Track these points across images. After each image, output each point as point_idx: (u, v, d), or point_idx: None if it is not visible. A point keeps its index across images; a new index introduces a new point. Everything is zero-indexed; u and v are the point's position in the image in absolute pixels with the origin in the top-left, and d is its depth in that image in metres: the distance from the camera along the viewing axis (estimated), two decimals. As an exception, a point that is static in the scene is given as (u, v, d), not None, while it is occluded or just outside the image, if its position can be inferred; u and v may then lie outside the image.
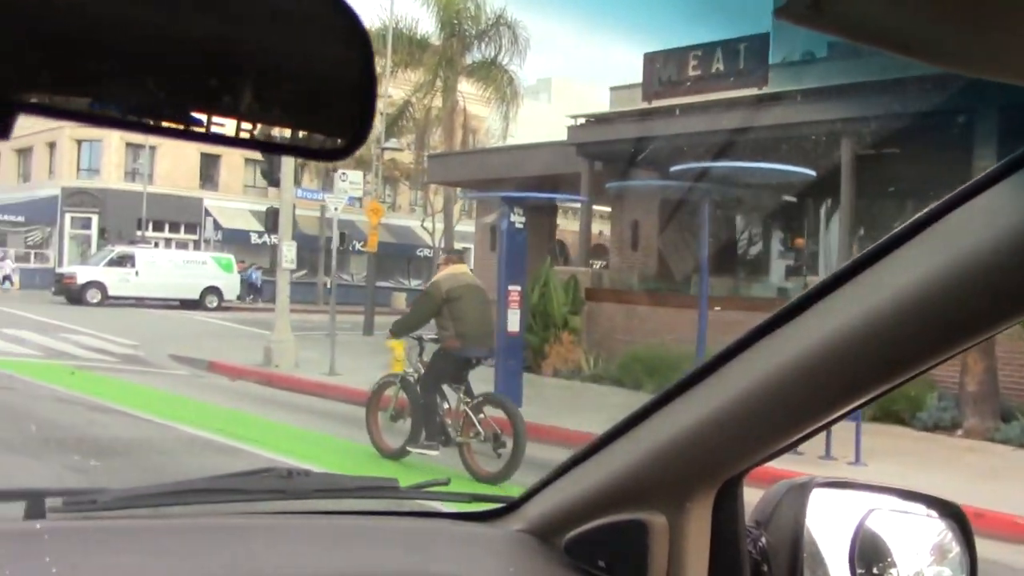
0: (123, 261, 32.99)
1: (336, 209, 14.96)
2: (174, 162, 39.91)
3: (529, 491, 1.55)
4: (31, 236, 40.20)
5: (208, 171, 41.92)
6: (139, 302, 32.11)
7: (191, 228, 41.23)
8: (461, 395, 8.46)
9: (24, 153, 43.21)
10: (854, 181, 13.82)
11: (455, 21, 25.10)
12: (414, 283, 43.92)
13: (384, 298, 37.35)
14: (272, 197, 43.25)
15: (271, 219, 16.28)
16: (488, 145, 31.22)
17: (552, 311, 16.01)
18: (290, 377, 14.81)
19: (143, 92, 0.64)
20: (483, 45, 25.40)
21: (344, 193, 14.89)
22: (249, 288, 39.09)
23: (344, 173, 15.32)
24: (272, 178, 16.01)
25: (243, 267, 39.40)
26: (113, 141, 39.46)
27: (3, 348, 16.09)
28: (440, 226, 40.71)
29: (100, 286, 32.27)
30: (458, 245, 44.61)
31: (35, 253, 39.95)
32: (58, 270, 34.63)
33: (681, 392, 1.26)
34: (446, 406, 8.54)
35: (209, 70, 0.66)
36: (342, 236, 25.20)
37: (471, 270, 9.84)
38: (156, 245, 37.08)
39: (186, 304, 32.82)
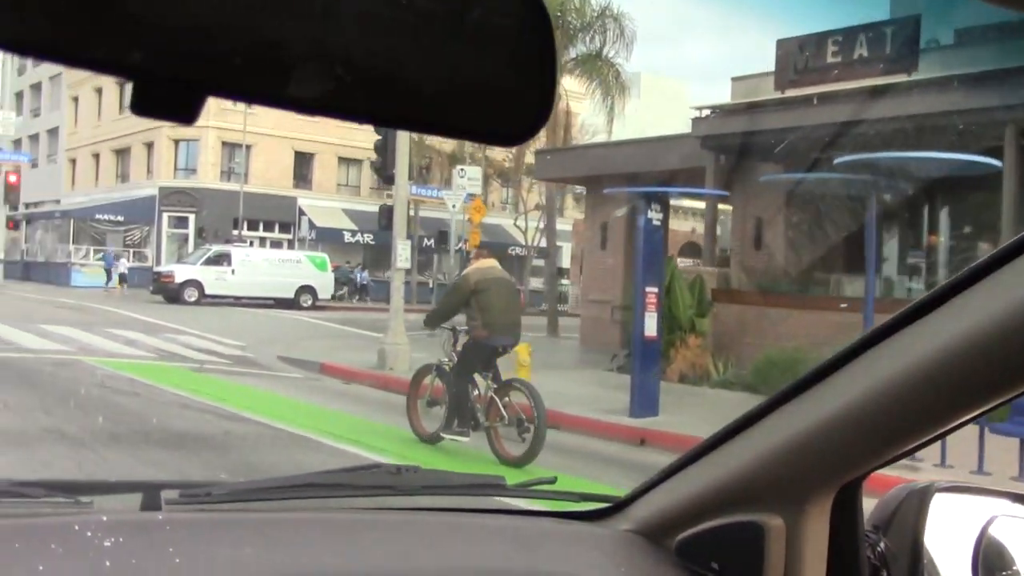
0: (219, 260, 33.06)
1: (454, 207, 14.32)
2: (268, 161, 40.04)
3: (636, 491, 1.54)
4: (130, 235, 40.71)
5: (302, 170, 41.97)
6: (235, 301, 32.14)
7: (285, 227, 41.32)
8: (489, 382, 8.86)
9: (122, 153, 43.84)
10: (1017, 172, 12.68)
11: (559, 13, 24.32)
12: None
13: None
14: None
15: (385, 217, 15.74)
16: (583, 142, 30.37)
17: (678, 313, 15.15)
18: (406, 381, 14.22)
19: (331, 78, 0.64)
20: (587, 38, 24.53)
21: (462, 189, 14.23)
22: (355, 288, 39.02)
23: (462, 169, 14.68)
24: (386, 175, 15.46)
25: (349, 266, 39.42)
26: (209, 140, 39.74)
27: (117, 350, 15.86)
28: (532, 224, 40.14)
29: (197, 285, 32.37)
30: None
31: (134, 252, 40.45)
32: (156, 269, 34.89)
33: (800, 392, 1.23)
34: (476, 392, 8.89)
35: (392, 55, 0.66)
36: (443, 234, 24.82)
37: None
38: (251, 244, 37.18)
39: (280, 303, 32.74)
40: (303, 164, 41.96)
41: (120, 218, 40.53)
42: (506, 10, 0.70)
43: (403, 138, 15.12)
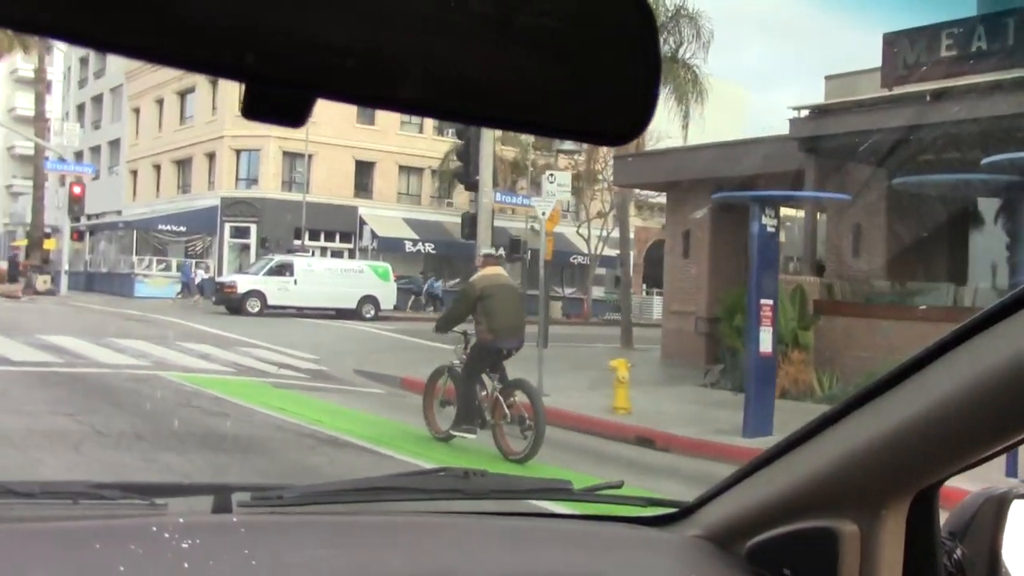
0: (282, 270, 32.75)
1: (544, 214, 13.61)
2: (329, 171, 39.71)
3: (704, 496, 1.54)
4: (192, 245, 40.60)
5: (362, 179, 41.60)
6: (298, 312, 31.80)
7: (346, 237, 40.95)
8: (495, 382, 9.36)
9: (183, 164, 43.85)
10: None
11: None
12: (568, 291, 42.60)
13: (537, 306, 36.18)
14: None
15: (468, 225, 15.11)
16: (651, 147, 29.55)
17: (779, 326, 14.28)
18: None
19: (437, 80, 0.64)
20: (661, 39, 23.67)
21: (552, 196, 13.54)
22: (430, 299, 38.65)
23: (552, 174, 13.98)
24: (468, 181, 14.85)
25: (423, 276, 39.17)
26: (271, 150, 39.54)
27: (193, 365, 15.39)
28: (595, 232, 39.40)
29: (260, 295, 32.11)
30: (609, 252, 43.32)
31: (196, 263, 40.33)
32: (218, 279, 34.65)
33: (875, 395, 1.20)
34: (484, 392, 9.40)
35: (494, 53, 0.65)
36: (515, 243, 24.11)
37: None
38: (312, 254, 36.85)
39: (342, 313, 32.33)
40: (364, 173, 41.55)
41: (182, 228, 40.43)
42: (608, 8, 0.69)
43: (487, 144, 14.50)
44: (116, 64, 48.47)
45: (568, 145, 24.77)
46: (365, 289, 33.53)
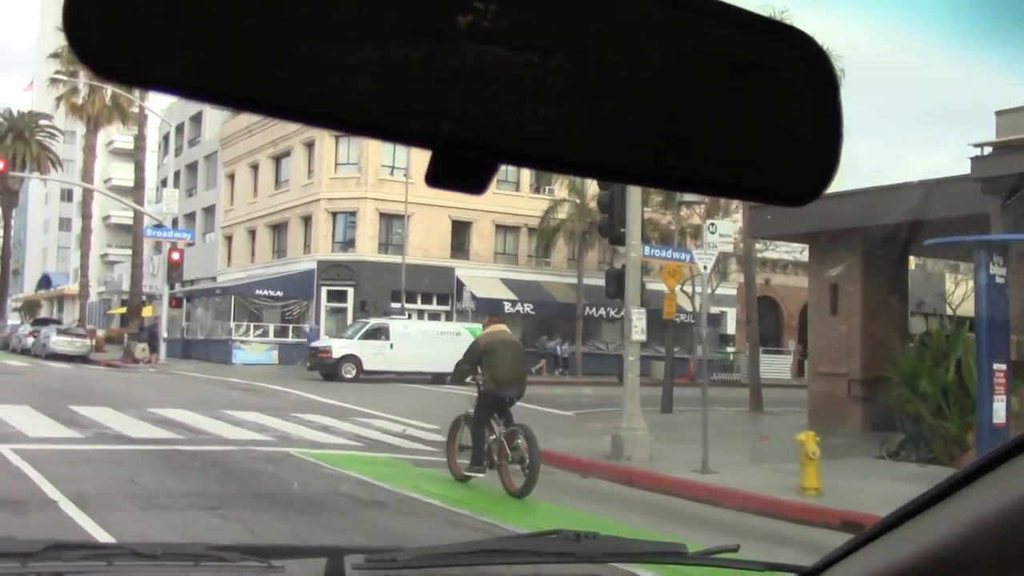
0: (377, 334, 31.85)
1: (705, 268, 12.24)
2: (426, 232, 38.90)
3: (827, 560, 1.46)
4: (288, 310, 39.98)
5: (459, 239, 40.69)
6: (397, 376, 30.75)
7: (443, 298, 39.95)
8: (501, 427, 10.39)
9: (279, 228, 43.54)
10: None
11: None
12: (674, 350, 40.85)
13: (642, 368, 34.53)
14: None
15: (613, 283, 13.79)
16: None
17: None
18: (657, 475, 12.07)
19: (615, 144, 0.64)
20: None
21: (713, 247, 12.17)
22: (554, 362, 37.70)
23: (712, 224, 12.65)
24: (614, 235, 13.55)
25: (547, 339, 38.29)
26: (368, 212, 38.93)
27: (318, 439, 14.24)
28: (699, 289, 37.75)
29: (355, 360, 31.25)
30: (713, 309, 41.52)
31: (292, 328, 39.65)
32: (312, 344, 33.81)
33: (1015, 454, 1.10)
34: (493, 436, 10.37)
35: (668, 115, 0.65)
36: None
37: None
38: (409, 316, 35.88)
39: (438, 378, 31.17)
40: (460, 233, 40.63)
41: (279, 293, 39.88)
42: (785, 62, 0.67)
43: (634, 192, 13.20)
44: (211, 132, 48.84)
45: (688, 197, 23.42)
46: (463, 352, 32.34)
